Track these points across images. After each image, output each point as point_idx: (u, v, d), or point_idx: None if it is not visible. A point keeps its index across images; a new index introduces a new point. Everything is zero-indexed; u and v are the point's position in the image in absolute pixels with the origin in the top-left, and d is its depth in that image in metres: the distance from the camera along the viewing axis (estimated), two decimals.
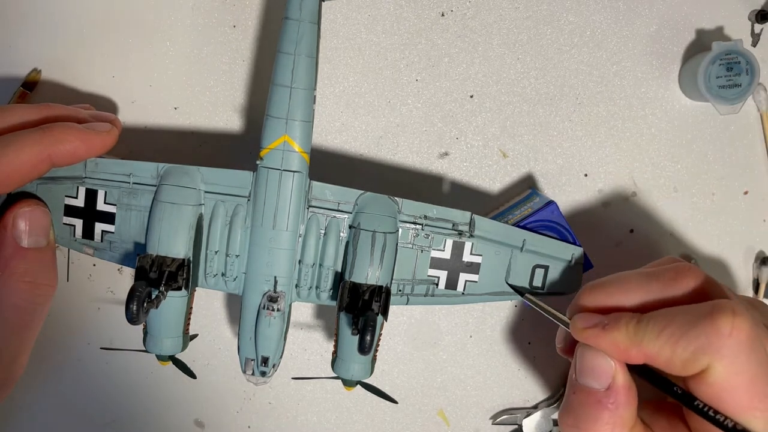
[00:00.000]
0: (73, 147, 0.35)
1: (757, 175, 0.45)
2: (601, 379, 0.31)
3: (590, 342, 0.32)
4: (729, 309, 0.28)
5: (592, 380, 0.31)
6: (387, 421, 0.47)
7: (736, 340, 0.28)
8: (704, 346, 0.28)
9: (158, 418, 0.47)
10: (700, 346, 0.28)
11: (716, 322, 0.28)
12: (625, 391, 0.31)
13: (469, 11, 0.44)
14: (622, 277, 0.33)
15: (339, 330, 0.36)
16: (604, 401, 0.31)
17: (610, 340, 0.31)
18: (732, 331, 0.28)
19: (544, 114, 0.45)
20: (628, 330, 0.31)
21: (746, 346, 0.28)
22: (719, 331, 0.28)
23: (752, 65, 0.41)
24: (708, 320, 0.28)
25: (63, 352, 0.46)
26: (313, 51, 0.36)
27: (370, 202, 0.37)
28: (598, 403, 0.31)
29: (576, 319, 0.33)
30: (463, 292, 0.38)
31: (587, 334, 0.32)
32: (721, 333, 0.28)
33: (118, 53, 0.44)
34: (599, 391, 0.31)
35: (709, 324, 0.28)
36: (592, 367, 0.32)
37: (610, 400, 0.31)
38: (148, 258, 0.35)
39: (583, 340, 0.32)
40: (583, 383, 0.32)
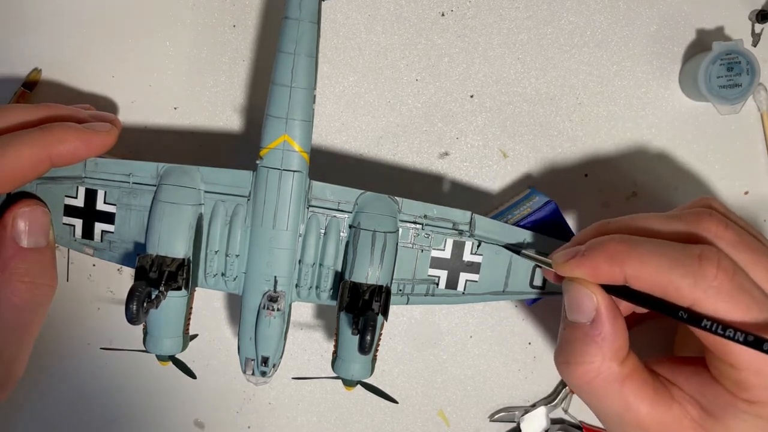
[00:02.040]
0: (73, 147, 0.35)
1: (757, 175, 0.45)
2: (586, 313, 0.31)
3: (572, 271, 0.32)
4: (715, 257, 0.29)
5: (578, 314, 0.32)
6: (387, 421, 0.47)
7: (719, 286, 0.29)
8: (691, 285, 0.29)
9: (158, 418, 0.47)
10: (686, 284, 0.29)
11: (703, 264, 0.29)
12: (610, 322, 0.31)
13: (469, 11, 0.44)
14: (641, 215, 0.33)
15: (339, 330, 0.36)
16: (591, 334, 0.31)
17: (590, 264, 0.31)
18: (718, 274, 0.29)
19: (544, 114, 0.45)
20: (611, 249, 0.31)
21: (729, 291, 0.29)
22: (705, 273, 0.29)
23: (753, 65, 0.41)
24: (696, 262, 0.29)
25: (63, 352, 0.46)
26: (313, 50, 0.36)
27: (370, 201, 0.37)
28: (585, 336, 0.31)
29: (555, 255, 0.33)
30: (463, 292, 0.38)
31: (568, 265, 0.32)
32: (707, 275, 0.29)
33: (118, 53, 0.44)
34: (585, 324, 0.31)
35: (697, 265, 0.29)
36: (576, 301, 0.32)
37: (596, 332, 0.31)
38: (148, 258, 0.35)
39: (566, 272, 0.33)
40: (571, 319, 0.32)
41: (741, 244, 0.31)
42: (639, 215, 0.33)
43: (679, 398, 0.31)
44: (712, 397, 0.31)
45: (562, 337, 0.33)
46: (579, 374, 0.32)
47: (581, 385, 0.32)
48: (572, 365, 0.32)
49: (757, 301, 0.29)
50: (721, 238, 0.31)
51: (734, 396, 0.30)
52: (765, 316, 0.29)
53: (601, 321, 0.31)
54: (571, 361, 0.32)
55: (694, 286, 0.29)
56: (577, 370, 0.32)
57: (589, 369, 0.31)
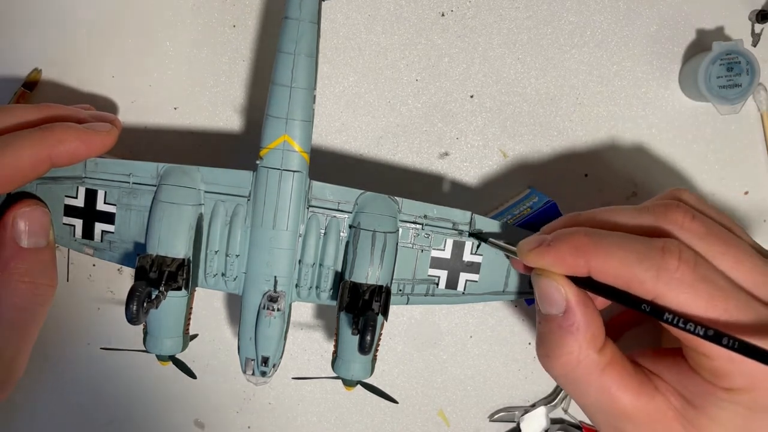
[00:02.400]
0: (73, 147, 0.35)
1: (757, 175, 0.45)
2: (556, 304, 0.31)
3: (537, 261, 0.32)
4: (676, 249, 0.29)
5: (550, 306, 0.32)
6: (387, 421, 0.47)
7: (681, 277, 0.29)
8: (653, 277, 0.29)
9: (158, 418, 0.47)
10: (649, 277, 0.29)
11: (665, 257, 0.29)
12: (581, 311, 0.31)
13: (469, 11, 0.44)
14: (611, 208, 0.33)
15: (339, 330, 0.36)
16: (565, 325, 0.31)
17: (554, 254, 0.31)
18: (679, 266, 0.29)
19: (544, 114, 0.45)
20: (577, 241, 0.31)
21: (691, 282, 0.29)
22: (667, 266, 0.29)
23: (752, 65, 0.41)
24: (658, 254, 0.29)
25: (63, 352, 0.46)
26: (313, 50, 0.36)
27: (370, 201, 0.37)
28: (559, 328, 0.31)
29: (521, 244, 0.33)
30: (463, 292, 0.38)
31: (533, 254, 0.32)
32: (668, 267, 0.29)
33: (118, 53, 0.44)
34: (558, 316, 0.31)
35: (659, 257, 0.29)
36: (545, 293, 0.32)
37: (569, 322, 0.31)
38: (148, 258, 0.35)
39: (530, 261, 0.33)
40: (543, 312, 0.32)
41: (709, 235, 0.31)
42: (609, 208, 0.33)
43: (662, 389, 0.31)
44: (692, 387, 0.31)
45: (538, 331, 0.33)
46: (559, 365, 0.32)
47: (562, 375, 0.32)
48: (552, 358, 0.32)
49: (721, 290, 0.29)
50: (687, 229, 0.31)
51: (713, 385, 0.30)
52: (730, 305, 0.29)
53: (573, 311, 0.31)
54: (551, 354, 0.32)
55: (657, 278, 0.29)
56: (557, 361, 0.32)
57: (568, 360, 0.31)
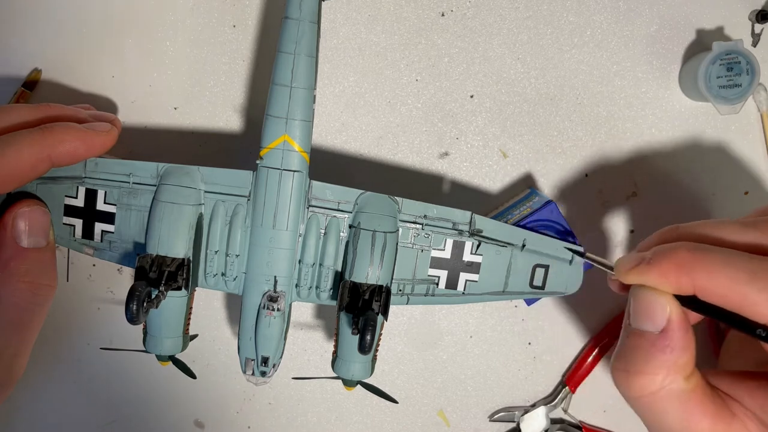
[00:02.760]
0: (73, 147, 0.35)
1: (757, 175, 0.45)
2: (656, 321, 0.30)
3: (638, 280, 0.31)
4: None
5: (646, 322, 0.30)
6: (387, 421, 0.47)
7: None
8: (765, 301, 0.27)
9: (158, 418, 0.47)
10: (764, 300, 0.27)
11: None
12: (681, 334, 0.29)
13: (469, 11, 0.44)
14: (712, 221, 0.31)
15: (339, 330, 0.36)
16: (659, 344, 0.29)
17: (656, 272, 0.29)
18: None
19: (544, 114, 0.45)
20: (680, 257, 0.29)
21: None
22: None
23: (752, 65, 0.41)
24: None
25: (63, 352, 0.46)
26: (313, 50, 0.36)
27: (370, 201, 0.37)
28: (652, 346, 0.29)
29: (619, 262, 0.32)
30: (463, 292, 0.38)
31: (633, 273, 0.31)
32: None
33: (118, 53, 0.44)
34: (653, 333, 0.29)
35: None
36: (646, 308, 0.30)
37: (665, 342, 0.29)
38: (148, 258, 0.35)
39: (630, 280, 0.31)
40: (636, 326, 0.30)
41: None
42: (710, 221, 0.31)
43: (739, 414, 0.30)
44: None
45: (623, 344, 0.31)
46: (639, 386, 0.30)
47: (640, 397, 0.30)
48: (632, 374, 0.30)
49: None
50: None
51: None
52: None
53: (672, 331, 0.29)
54: (632, 370, 0.30)
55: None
56: (638, 380, 0.30)
57: (650, 381, 0.29)
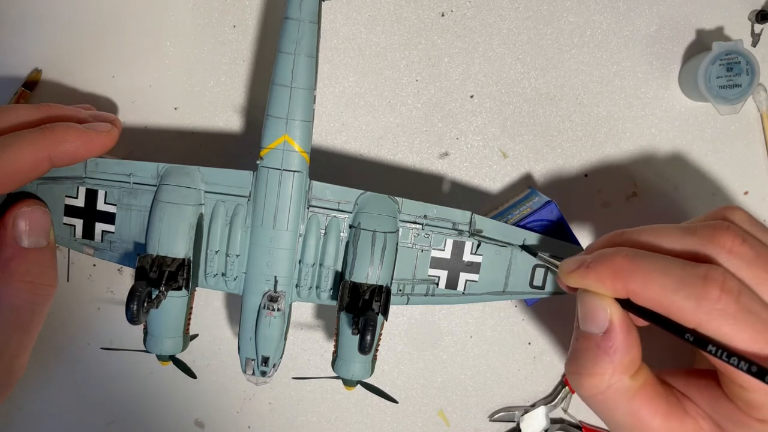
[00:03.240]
0: (74, 147, 0.35)
1: (757, 175, 0.45)
2: (599, 323, 0.31)
3: (577, 283, 0.32)
4: (720, 277, 0.28)
5: (591, 325, 0.31)
6: (387, 421, 0.47)
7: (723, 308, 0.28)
8: (693, 306, 0.28)
9: (158, 418, 0.47)
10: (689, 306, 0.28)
11: (707, 285, 0.28)
12: (623, 335, 0.30)
13: (469, 11, 0.44)
14: (656, 227, 0.32)
15: (339, 330, 0.37)
16: (603, 345, 0.30)
17: (594, 276, 0.31)
18: (721, 296, 0.28)
19: (544, 114, 0.45)
20: (616, 263, 0.30)
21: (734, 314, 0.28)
22: (708, 295, 0.28)
23: (752, 65, 0.41)
24: (700, 282, 0.28)
25: (63, 352, 0.46)
26: (313, 51, 0.36)
27: (371, 201, 0.37)
28: (597, 348, 0.31)
29: (562, 264, 0.33)
30: (463, 292, 0.38)
31: (574, 275, 0.32)
32: (710, 297, 0.28)
33: (118, 53, 0.44)
34: (598, 335, 0.31)
35: (700, 286, 0.28)
36: (589, 311, 0.31)
37: (608, 343, 0.30)
38: (148, 258, 0.35)
39: (570, 282, 0.32)
40: (583, 329, 0.31)
41: (757, 260, 0.29)
42: (654, 227, 0.32)
43: (692, 412, 0.31)
44: (724, 413, 0.30)
45: (573, 347, 0.32)
46: (589, 386, 0.31)
47: (591, 396, 0.31)
48: (583, 376, 0.31)
49: (764, 324, 0.28)
50: (736, 254, 0.29)
51: (747, 415, 0.29)
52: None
53: (614, 333, 0.30)
54: (582, 372, 0.31)
55: (697, 308, 0.28)
56: (588, 381, 0.31)
57: (599, 381, 0.31)
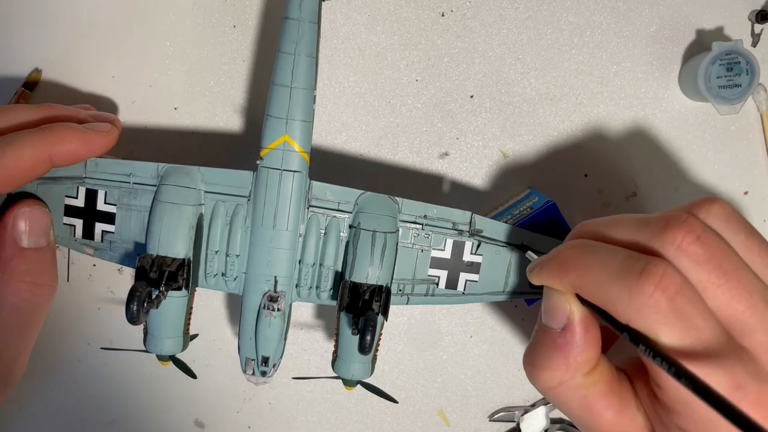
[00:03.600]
0: (74, 147, 0.35)
1: (757, 175, 0.45)
2: (557, 319, 0.30)
3: (535, 280, 0.32)
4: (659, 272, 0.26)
5: (550, 320, 0.31)
6: (387, 421, 0.47)
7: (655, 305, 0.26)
8: (626, 301, 0.27)
9: (158, 418, 0.47)
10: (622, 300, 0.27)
11: (641, 280, 0.26)
12: (580, 334, 0.30)
13: (469, 11, 0.44)
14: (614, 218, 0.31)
15: (339, 330, 0.37)
16: (559, 341, 0.30)
17: (547, 271, 0.31)
18: (654, 292, 0.26)
19: (544, 114, 0.45)
20: (563, 256, 0.30)
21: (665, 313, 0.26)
22: (642, 289, 0.26)
23: (752, 65, 0.41)
24: (635, 276, 0.26)
25: (63, 352, 0.46)
26: (313, 51, 0.36)
27: (370, 201, 0.37)
28: (552, 343, 0.30)
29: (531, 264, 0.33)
30: (463, 292, 0.38)
31: (533, 274, 0.32)
32: (643, 292, 0.26)
33: (118, 53, 0.44)
34: (555, 331, 0.30)
35: (635, 280, 0.26)
36: (550, 306, 0.31)
37: (564, 340, 0.30)
38: (148, 258, 0.35)
39: (532, 280, 0.32)
40: (544, 323, 0.31)
41: (709, 262, 0.27)
42: (613, 217, 0.31)
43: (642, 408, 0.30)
44: (655, 414, 0.29)
45: (533, 339, 0.32)
46: (542, 379, 0.31)
47: (544, 390, 0.31)
48: (537, 369, 0.31)
49: (696, 329, 0.26)
50: (685, 251, 0.27)
51: (669, 419, 0.28)
52: (701, 347, 0.26)
53: (572, 330, 0.30)
54: (536, 365, 0.31)
55: (628, 302, 0.26)
56: (541, 375, 0.31)
57: (552, 376, 0.30)
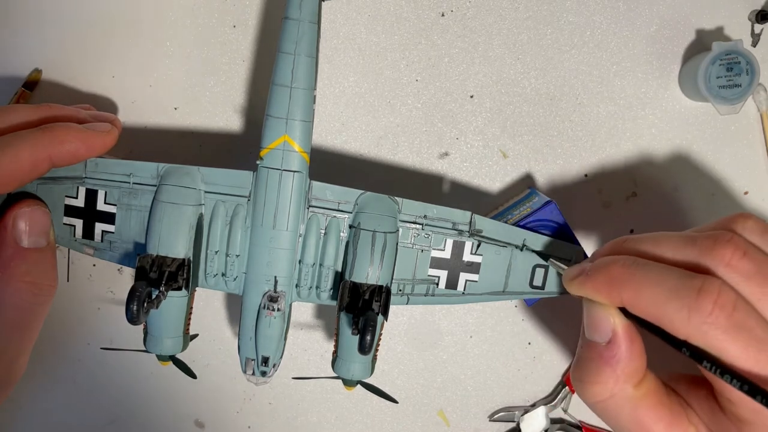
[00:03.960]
0: (74, 147, 0.35)
1: (757, 175, 0.45)
2: (602, 333, 0.31)
3: (577, 291, 0.32)
4: (715, 290, 0.27)
5: (595, 334, 0.31)
6: (387, 421, 0.47)
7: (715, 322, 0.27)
8: (684, 319, 0.28)
9: (158, 418, 0.47)
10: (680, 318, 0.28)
11: (700, 298, 0.27)
12: (626, 345, 0.30)
13: (469, 11, 0.44)
14: (658, 235, 0.31)
15: (339, 330, 0.37)
16: (605, 355, 0.30)
17: (591, 285, 0.31)
18: (713, 309, 0.27)
19: (544, 114, 0.45)
20: (613, 272, 0.30)
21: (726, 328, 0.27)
22: (700, 308, 0.27)
23: (752, 65, 0.41)
24: (693, 294, 0.27)
25: (63, 352, 0.46)
26: (313, 51, 0.36)
27: (371, 201, 0.37)
28: (599, 357, 0.31)
29: (566, 272, 0.33)
30: (463, 292, 0.38)
31: (574, 284, 0.32)
32: (702, 310, 0.27)
33: (118, 53, 0.44)
34: (601, 344, 0.31)
35: (693, 298, 0.27)
36: (593, 320, 0.31)
37: (611, 353, 0.30)
38: (149, 258, 0.35)
39: (571, 290, 0.32)
40: (588, 338, 0.31)
41: (758, 274, 0.28)
42: (657, 235, 0.32)
43: (695, 421, 0.31)
44: (719, 426, 0.30)
45: (578, 355, 0.32)
46: (592, 394, 0.31)
47: (594, 404, 0.32)
48: (586, 384, 0.31)
49: (758, 341, 0.27)
50: (734, 267, 0.28)
51: (738, 429, 0.29)
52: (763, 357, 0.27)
53: (617, 343, 0.30)
54: (585, 380, 0.31)
55: (687, 320, 0.27)
56: (591, 389, 0.31)
57: (602, 389, 0.31)
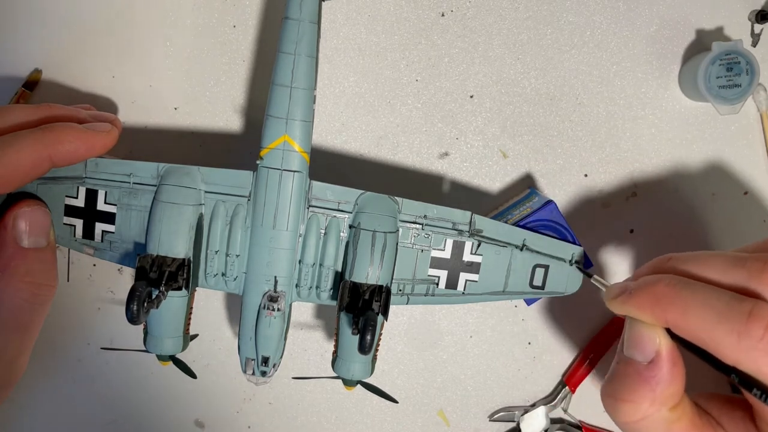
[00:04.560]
0: (74, 147, 0.35)
1: (757, 175, 0.45)
2: (645, 352, 0.30)
3: (620, 310, 0.31)
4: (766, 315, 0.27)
5: (636, 352, 0.30)
6: (387, 421, 0.47)
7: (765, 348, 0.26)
8: (734, 344, 0.27)
9: (158, 418, 0.47)
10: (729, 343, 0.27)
11: (750, 323, 0.27)
12: (669, 367, 0.30)
13: (469, 11, 0.44)
14: (704, 255, 0.31)
15: (339, 330, 0.37)
16: (645, 374, 0.30)
17: (635, 303, 0.30)
18: (765, 335, 0.26)
19: (544, 114, 0.45)
20: (658, 291, 0.29)
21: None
22: (750, 333, 0.27)
23: (752, 65, 0.41)
24: (743, 319, 0.27)
25: (63, 352, 0.46)
26: (313, 51, 0.36)
27: (371, 201, 0.37)
28: (638, 376, 0.30)
29: (608, 290, 0.32)
30: (463, 292, 0.38)
31: (617, 303, 0.31)
32: (752, 335, 0.26)
33: (118, 53, 0.44)
34: (641, 363, 0.30)
35: (743, 323, 0.27)
36: (637, 339, 0.30)
37: (652, 374, 0.30)
38: (149, 258, 0.35)
39: (614, 308, 0.32)
40: (627, 354, 0.31)
41: None
42: (702, 254, 0.31)
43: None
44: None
45: (614, 370, 0.32)
46: (624, 412, 0.30)
47: (624, 423, 0.31)
48: (619, 401, 0.31)
49: None
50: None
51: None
52: None
53: (660, 365, 0.30)
54: (619, 397, 0.31)
55: (737, 344, 0.27)
56: (623, 407, 0.30)
57: (635, 409, 0.30)
